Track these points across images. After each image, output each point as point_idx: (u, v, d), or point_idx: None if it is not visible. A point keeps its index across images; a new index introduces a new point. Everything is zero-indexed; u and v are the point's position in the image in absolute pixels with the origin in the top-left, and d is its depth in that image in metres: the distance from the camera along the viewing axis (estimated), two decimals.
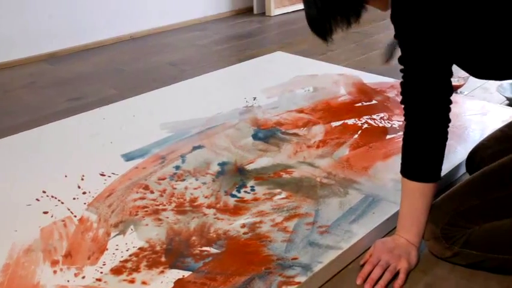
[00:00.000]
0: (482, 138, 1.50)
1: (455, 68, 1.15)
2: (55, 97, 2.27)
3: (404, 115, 1.18)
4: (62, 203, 1.38)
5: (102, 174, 1.50)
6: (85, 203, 1.37)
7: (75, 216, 1.32)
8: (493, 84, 2.14)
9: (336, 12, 1.14)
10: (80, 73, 2.57)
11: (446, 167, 1.22)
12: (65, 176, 1.50)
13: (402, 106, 1.18)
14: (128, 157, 1.59)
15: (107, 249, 1.20)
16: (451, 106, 1.15)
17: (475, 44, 1.12)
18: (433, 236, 1.19)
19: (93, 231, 1.26)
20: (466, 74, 1.98)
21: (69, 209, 1.35)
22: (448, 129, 1.16)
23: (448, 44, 1.09)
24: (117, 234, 1.25)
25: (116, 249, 1.20)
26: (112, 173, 1.50)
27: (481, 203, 1.17)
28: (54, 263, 1.16)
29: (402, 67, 1.14)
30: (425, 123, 1.14)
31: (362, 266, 1.18)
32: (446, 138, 1.17)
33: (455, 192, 1.23)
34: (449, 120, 1.15)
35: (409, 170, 1.18)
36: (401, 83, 1.16)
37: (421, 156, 1.16)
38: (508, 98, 2.00)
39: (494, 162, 1.23)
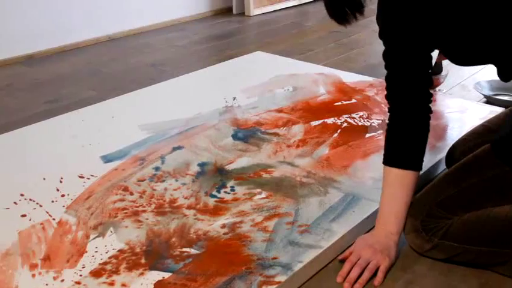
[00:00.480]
0: (460, 136, 1.52)
1: None
2: (33, 99, 2.24)
3: (389, 108, 1.23)
4: (41, 206, 1.36)
5: (81, 177, 1.49)
6: (63, 206, 1.36)
7: (54, 219, 1.30)
8: (470, 82, 2.16)
9: (343, 4, 1.22)
10: (58, 75, 2.55)
11: (425, 164, 1.23)
12: (44, 179, 1.48)
13: (387, 101, 1.23)
14: (107, 159, 1.58)
15: (86, 252, 1.19)
16: (431, 99, 1.21)
17: (455, 31, 1.17)
18: (413, 228, 1.21)
19: (72, 234, 1.25)
20: (445, 73, 2.01)
21: (47, 212, 1.33)
22: (430, 121, 1.21)
23: (428, 35, 1.15)
24: (96, 237, 1.24)
25: (96, 252, 1.19)
26: (91, 175, 1.49)
27: (457, 192, 1.19)
28: (32, 266, 1.15)
29: (385, 63, 1.21)
30: (408, 111, 1.20)
31: (341, 261, 1.19)
32: (428, 129, 1.21)
33: (433, 185, 1.26)
34: (430, 110, 1.21)
35: (391, 157, 1.21)
36: (385, 77, 1.22)
37: (403, 143, 1.20)
38: (485, 96, 2.03)
39: None
